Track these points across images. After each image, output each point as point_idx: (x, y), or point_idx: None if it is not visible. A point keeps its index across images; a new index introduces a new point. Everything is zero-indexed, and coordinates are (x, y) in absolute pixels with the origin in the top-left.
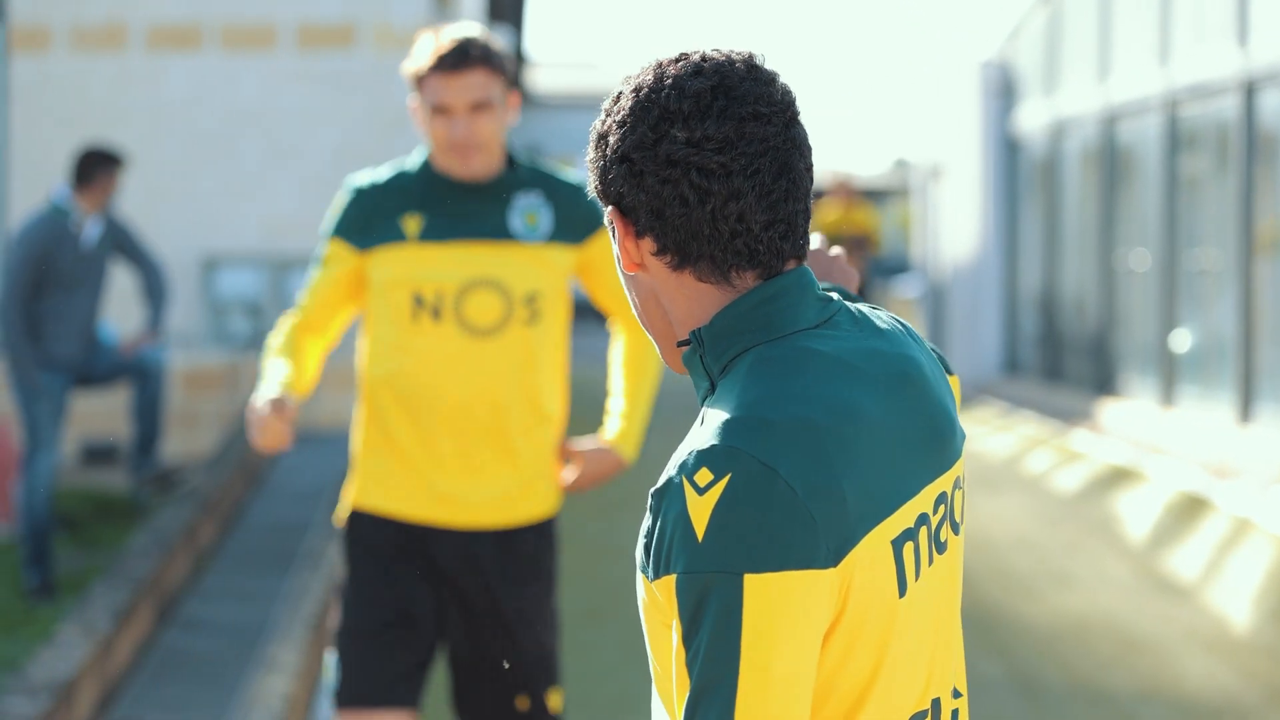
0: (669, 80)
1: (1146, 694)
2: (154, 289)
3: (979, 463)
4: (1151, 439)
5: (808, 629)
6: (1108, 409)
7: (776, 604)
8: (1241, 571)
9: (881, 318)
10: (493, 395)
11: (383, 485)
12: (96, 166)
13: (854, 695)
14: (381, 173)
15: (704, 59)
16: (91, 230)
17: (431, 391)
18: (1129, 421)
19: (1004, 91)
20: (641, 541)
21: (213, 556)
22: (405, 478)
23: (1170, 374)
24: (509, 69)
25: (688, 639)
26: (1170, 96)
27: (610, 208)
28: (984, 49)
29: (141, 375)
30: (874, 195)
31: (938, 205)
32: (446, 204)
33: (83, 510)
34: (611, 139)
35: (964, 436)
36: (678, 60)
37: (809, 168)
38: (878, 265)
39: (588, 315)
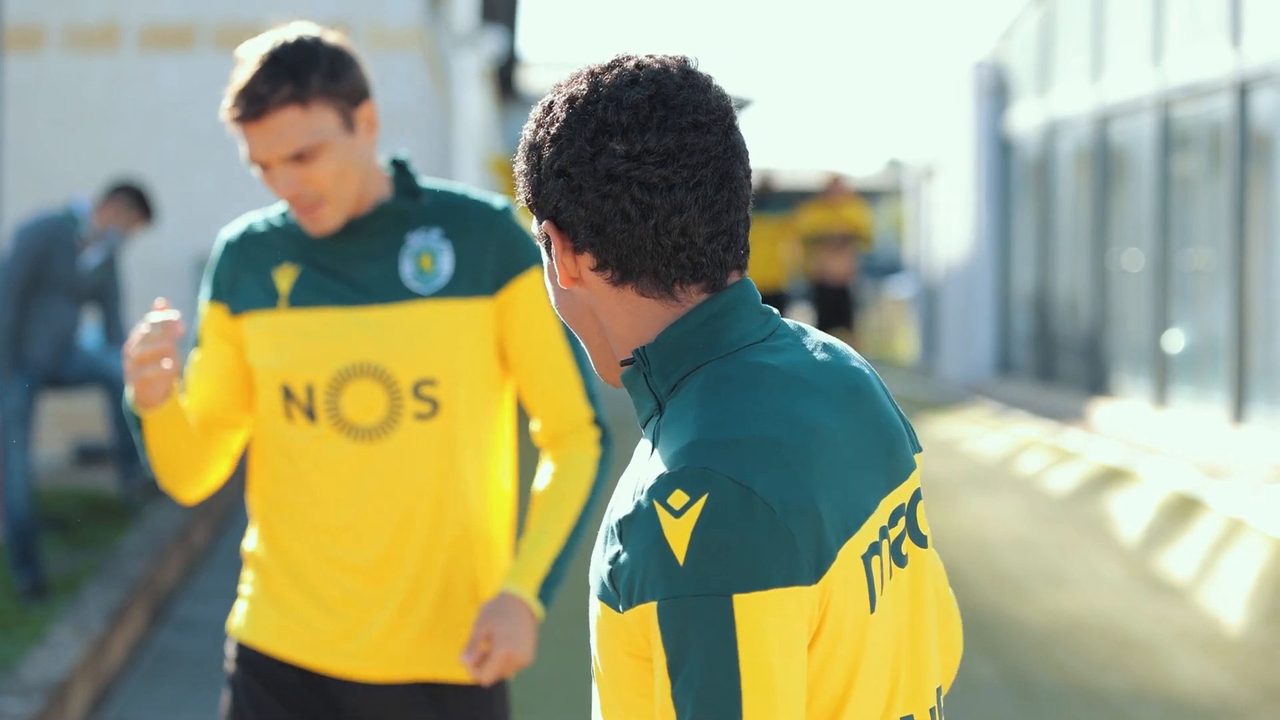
0: (604, 90)
1: (1140, 694)
2: (112, 335)
3: (972, 463)
4: (1145, 439)
5: (799, 647)
6: (1101, 409)
7: (769, 623)
8: (1235, 572)
9: (816, 331)
10: (389, 514)
11: (271, 620)
12: (125, 196)
13: (826, 714)
14: (257, 215)
15: (638, 66)
16: (94, 252)
17: (318, 511)
18: (1122, 422)
19: (997, 92)
20: (605, 570)
21: (206, 557)
22: (297, 613)
23: (1163, 374)
24: (344, 82)
25: (675, 669)
26: (1163, 97)
27: (546, 222)
28: (977, 49)
29: (110, 385)
30: (867, 195)
31: (930, 205)
32: (321, 252)
33: (75, 510)
34: (546, 152)
35: (918, 448)
36: (611, 68)
37: (748, 174)
38: (870, 265)
39: None
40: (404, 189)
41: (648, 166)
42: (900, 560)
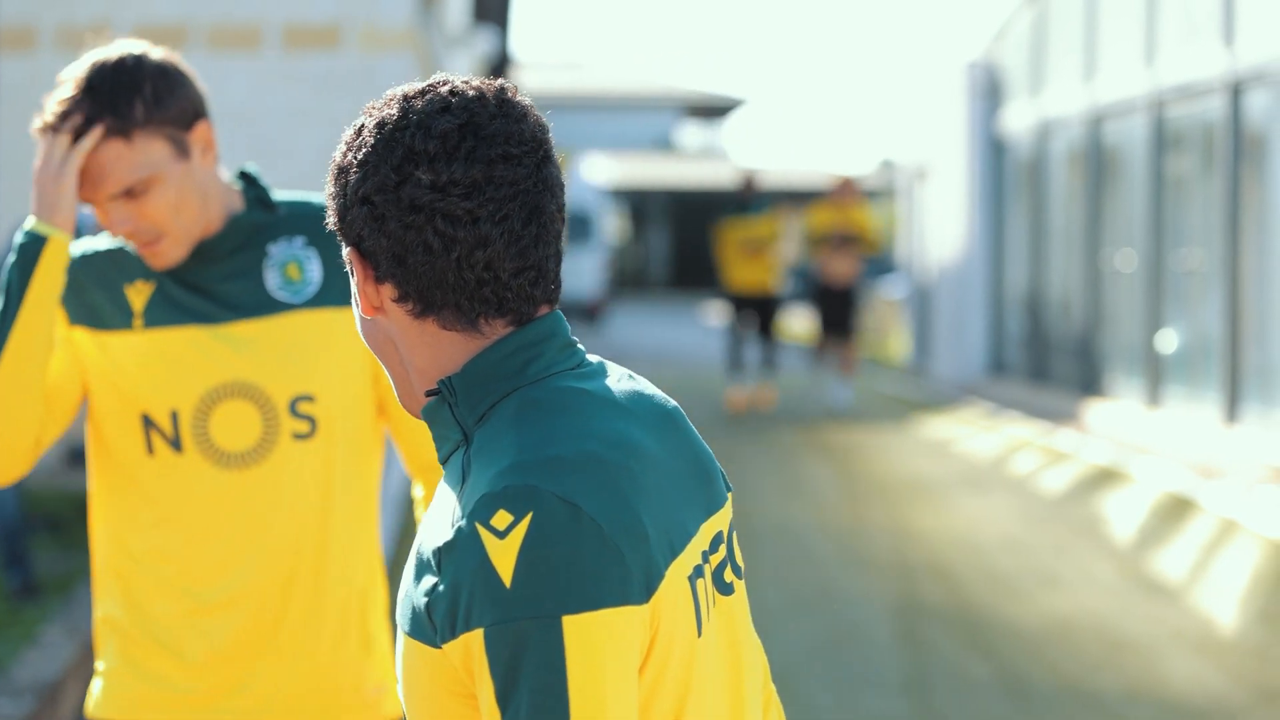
0: (414, 117)
1: (1133, 695)
2: None
3: (965, 464)
4: (1137, 439)
5: (631, 670)
6: (1093, 409)
7: (600, 645)
8: (1228, 572)
9: (617, 366)
10: (269, 549)
11: (133, 689)
12: None
13: None
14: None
15: (452, 93)
16: None
17: (188, 553)
18: (1115, 422)
19: (990, 92)
20: (420, 603)
21: None
22: (163, 677)
23: (1156, 374)
24: (171, 106)
25: (504, 699)
26: (1156, 97)
27: (349, 249)
28: (969, 50)
29: None
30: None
31: (923, 206)
32: (178, 267)
33: (67, 511)
34: (352, 177)
35: (730, 487)
36: (424, 93)
37: (560, 209)
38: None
39: (572, 315)
40: (256, 201)
41: (453, 199)
42: (723, 588)
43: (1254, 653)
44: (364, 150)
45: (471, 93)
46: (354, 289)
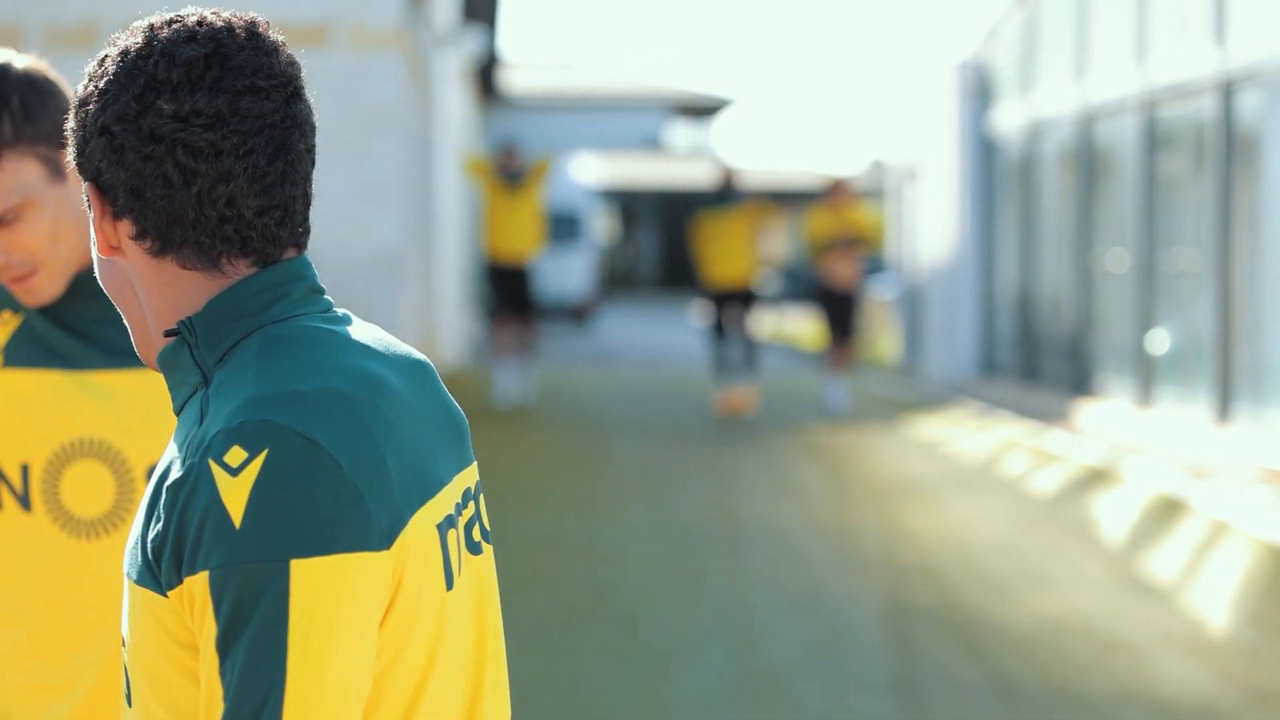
0: (159, 45)
1: (1124, 697)
2: None
3: (956, 464)
4: (1129, 439)
5: (364, 622)
6: (1084, 409)
7: (328, 593)
8: (1219, 574)
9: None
10: (112, 628)
11: None
12: None
13: (406, 699)
14: None
15: (200, 22)
16: None
17: (28, 623)
18: (1106, 422)
19: (980, 92)
20: (148, 548)
21: None
22: None
23: (1147, 374)
24: (43, 121)
25: (224, 646)
26: (1148, 97)
27: (88, 184)
28: (960, 50)
29: None
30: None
31: (914, 206)
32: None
33: None
34: (92, 107)
35: (472, 457)
36: (171, 22)
37: (310, 149)
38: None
39: (560, 316)
40: None
41: (195, 129)
42: (473, 547)
43: (1246, 654)
44: (105, 79)
45: (220, 23)
46: (91, 230)
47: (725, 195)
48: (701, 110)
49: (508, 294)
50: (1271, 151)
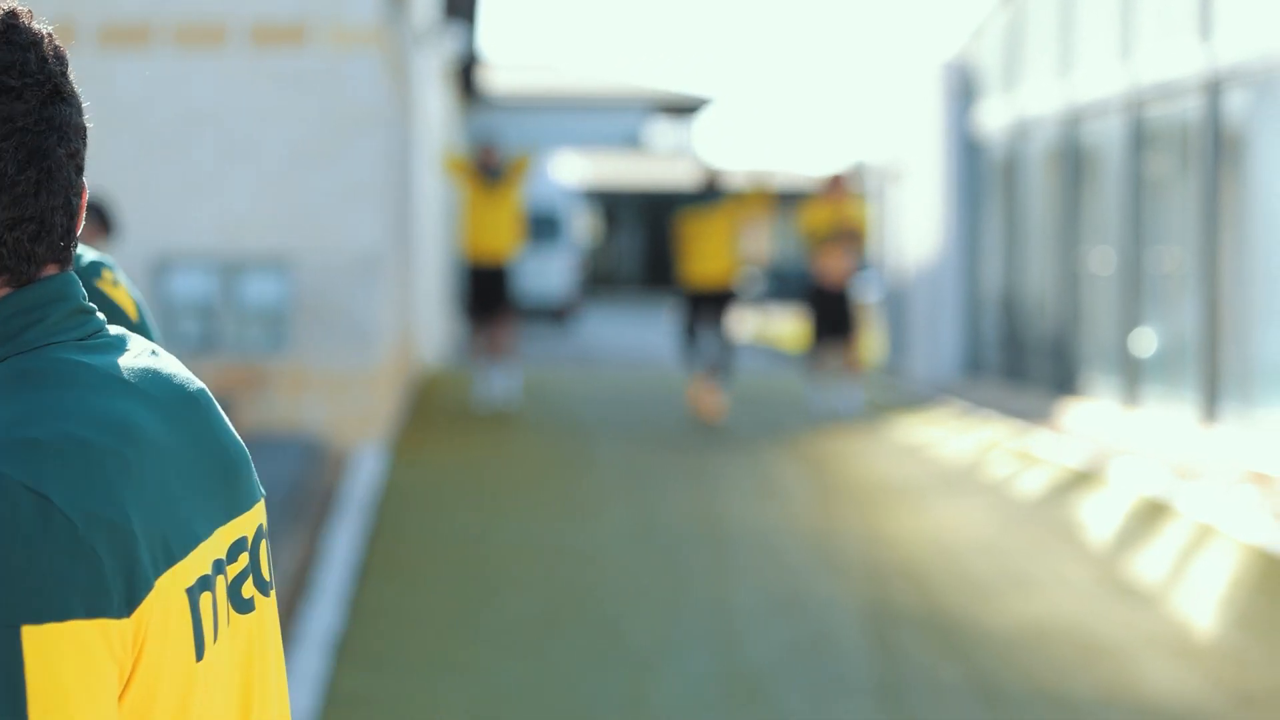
0: None
1: (1108, 700)
2: None
3: (940, 466)
4: (1114, 440)
5: (106, 694)
6: (1070, 410)
7: (65, 662)
8: (1205, 576)
9: (142, 339)
10: None
11: None
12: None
13: None
14: None
15: None
16: None
17: None
18: (1091, 423)
19: (964, 92)
20: None
21: None
22: None
23: (1133, 375)
24: None
25: None
26: (1134, 96)
27: None
28: (944, 49)
29: None
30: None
31: (897, 206)
32: None
33: None
34: None
35: (262, 493)
36: None
37: (74, 154)
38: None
39: (539, 316)
40: None
41: None
42: (242, 605)
43: (1231, 657)
44: None
45: None
46: None
47: (707, 194)
48: (682, 109)
49: (485, 295)
50: (1257, 151)
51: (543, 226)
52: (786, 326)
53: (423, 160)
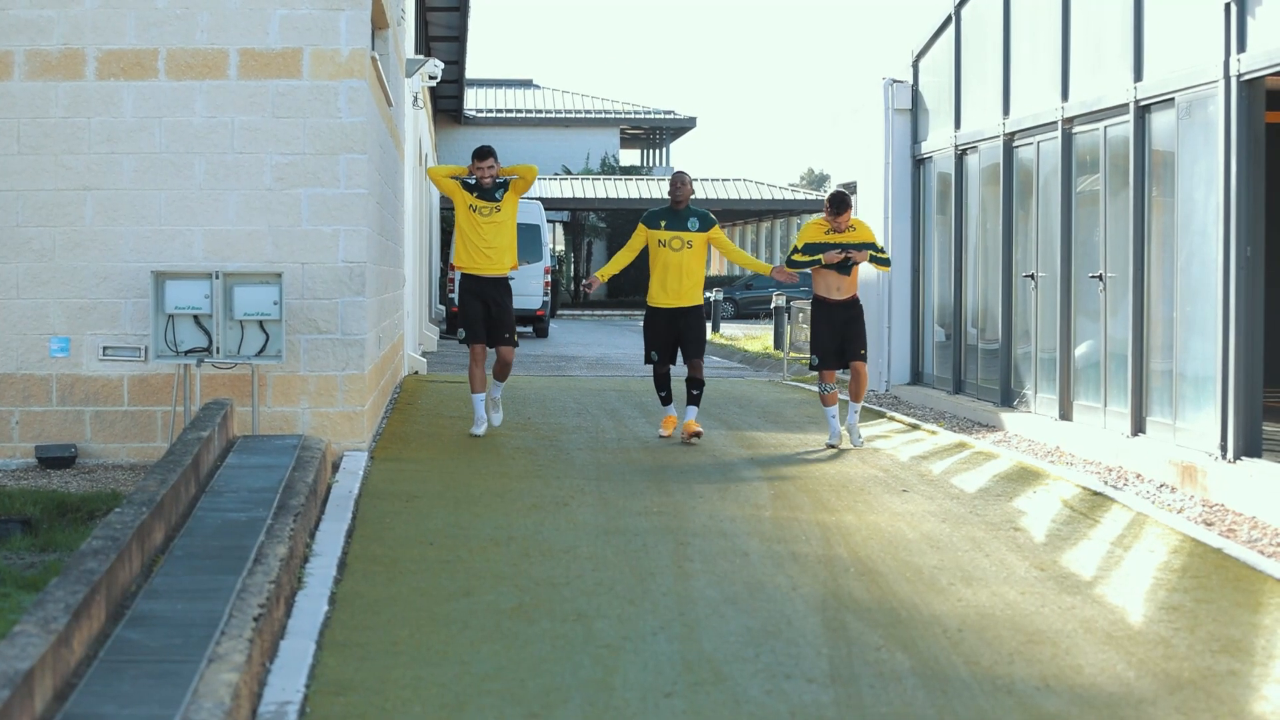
0: None
1: (1047, 684)
2: None
3: (889, 466)
4: (1050, 443)
5: None
6: (1009, 417)
7: None
8: (1136, 566)
9: None
10: None
11: None
12: None
13: None
14: None
15: None
16: None
17: None
18: (1029, 428)
19: (909, 109)
20: None
21: (164, 555)
22: None
23: (1068, 385)
24: None
25: None
26: (1069, 116)
27: None
28: (889, 66)
29: None
30: (784, 211)
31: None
32: None
33: (42, 512)
34: None
35: None
36: None
37: None
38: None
39: (517, 322)
40: None
41: None
42: None
43: (1160, 642)
44: None
45: None
46: None
47: (676, 212)
48: (654, 129)
49: (485, 322)
50: (1181, 169)
51: (525, 234)
52: (750, 334)
53: (405, 179)
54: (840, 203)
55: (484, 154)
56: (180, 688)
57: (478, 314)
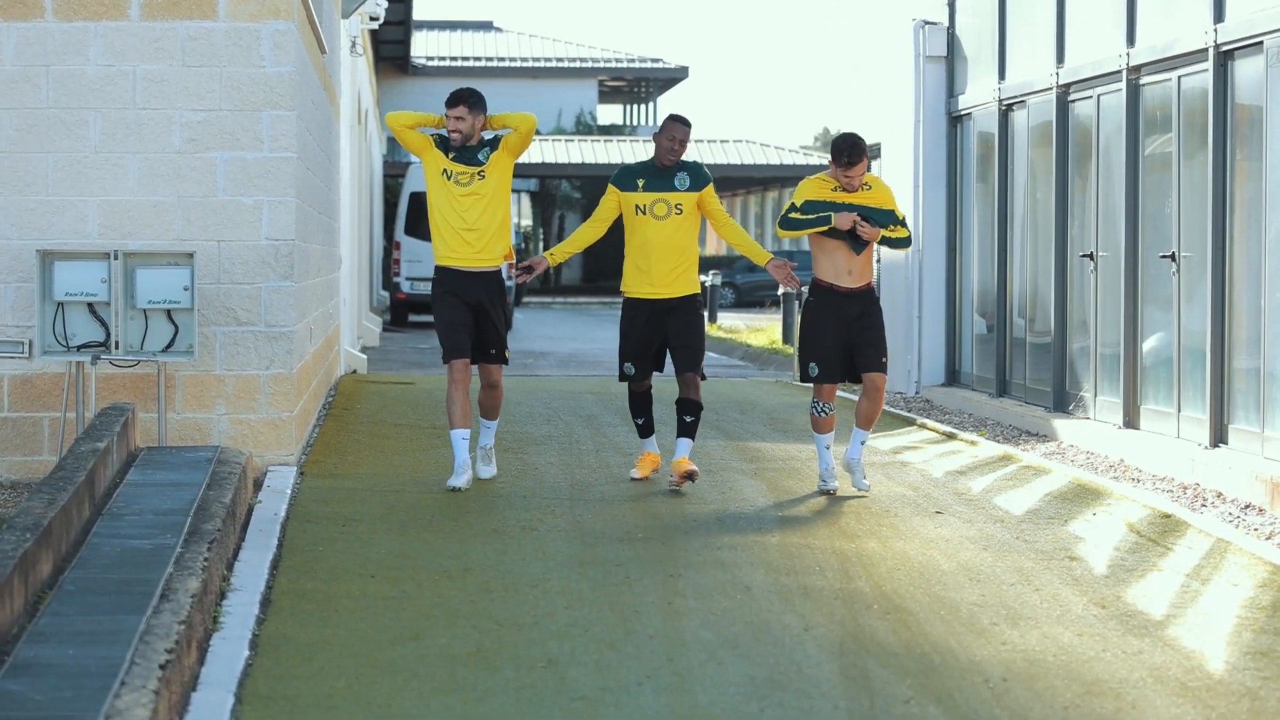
0: None
1: None
2: None
3: (919, 483)
4: (1113, 455)
5: None
6: (1064, 424)
7: None
8: (1216, 603)
9: None
10: None
11: None
12: None
13: None
14: None
15: None
16: None
17: None
18: (1088, 437)
19: (945, 57)
20: None
21: (52, 591)
22: None
23: (1135, 385)
24: None
25: None
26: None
27: None
28: (921, 7)
29: None
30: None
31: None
32: None
33: None
34: None
35: None
36: None
37: None
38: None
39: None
40: None
41: None
42: None
43: (1244, 694)
44: None
45: None
46: None
47: (659, 168)
48: (638, 81)
49: (469, 330)
50: (1272, 128)
51: None
52: (755, 327)
53: (341, 140)
54: (852, 149)
55: (454, 100)
56: None
57: (458, 321)
